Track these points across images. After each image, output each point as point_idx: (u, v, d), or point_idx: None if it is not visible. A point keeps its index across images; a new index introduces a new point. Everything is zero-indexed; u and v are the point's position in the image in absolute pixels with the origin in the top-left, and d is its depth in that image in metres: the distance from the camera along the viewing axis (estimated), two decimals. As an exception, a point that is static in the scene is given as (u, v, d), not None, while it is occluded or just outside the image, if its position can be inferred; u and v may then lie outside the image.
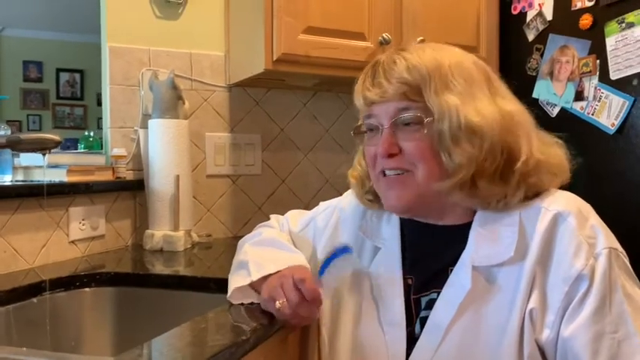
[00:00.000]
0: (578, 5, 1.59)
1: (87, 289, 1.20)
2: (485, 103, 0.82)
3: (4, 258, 1.22)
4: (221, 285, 1.14)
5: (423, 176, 0.82)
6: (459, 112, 0.79)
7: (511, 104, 0.85)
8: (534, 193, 0.82)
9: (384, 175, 0.86)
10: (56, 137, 0.96)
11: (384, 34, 1.61)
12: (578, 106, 1.60)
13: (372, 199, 0.94)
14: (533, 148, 0.81)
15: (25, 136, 0.93)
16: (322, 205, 1.09)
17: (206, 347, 0.73)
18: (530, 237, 0.78)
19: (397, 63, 0.83)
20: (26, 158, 1.44)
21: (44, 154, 0.99)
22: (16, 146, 0.94)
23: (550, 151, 0.84)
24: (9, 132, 1.45)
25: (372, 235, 0.94)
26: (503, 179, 0.79)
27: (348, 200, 1.02)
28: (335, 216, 1.02)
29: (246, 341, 0.78)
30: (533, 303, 0.75)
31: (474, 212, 0.84)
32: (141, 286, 1.21)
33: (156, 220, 1.54)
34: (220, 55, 1.78)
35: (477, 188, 0.79)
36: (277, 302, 0.83)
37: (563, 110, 1.64)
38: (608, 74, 1.52)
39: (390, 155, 0.83)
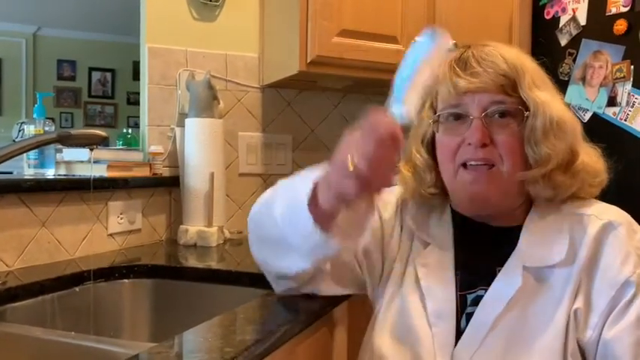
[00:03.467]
0: (613, 10, 1.59)
1: (126, 280, 1.25)
2: (561, 103, 0.86)
3: (48, 248, 1.27)
4: (253, 279, 1.18)
5: (508, 170, 0.82)
6: (551, 108, 0.83)
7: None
8: (577, 195, 0.85)
9: (465, 167, 0.84)
10: (103, 133, 1.01)
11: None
12: (610, 112, 1.59)
13: (436, 192, 0.92)
14: (582, 150, 0.86)
15: (75, 131, 0.98)
16: None
17: (237, 340, 0.75)
18: (580, 243, 0.80)
19: (494, 55, 0.84)
20: (69, 153, 1.49)
21: (91, 149, 1.04)
22: (66, 141, 0.99)
23: (593, 157, 0.87)
24: (53, 128, 1.51)
25: (421, 229, 0.93)
26: (568, 173, 0.83)
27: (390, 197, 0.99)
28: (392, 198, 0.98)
29: (279, 335, 0.80)
30: (578, 304, 0.78)
31: (525, 216, 0.86)
32: (177, 278, 1.26)
33: (190, 215, 1.59)
34: (254, 56, 1.82)
35: (551, 180, 0.82)
36: (349, 163, 0.65)
37: (595, 116, 1.64)
38: (643, 80, 1.51)
39: (483, 145, 0.82)
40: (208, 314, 0.87)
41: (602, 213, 0.82)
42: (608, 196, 0.85)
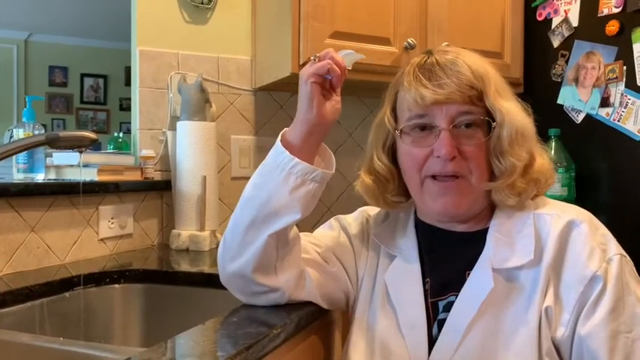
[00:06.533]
0: (605, 11, 1.59)
1: (117, 286, 1.23)
2: (520, 109, 0.86)
3: (38, 253, 1.25)
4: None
5: (476, 180, 0.83)
6: (515, 117, 0.83)
7: None
8: (536, 195, 0.86)
9: (434, 178, 0.84)
10: (93, 135, 0.99)
11: (409, 39, 1.62)
12: (603, 113, 1.59)
13: (399, 200, 0.93)
14: (537, 152, 0.86)
15: (64, 133, 0.96)
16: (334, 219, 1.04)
17: (230, 344, 0.74)
18: (545, 241, 0.81)
19: (459, 64, 0.83)
20: (58, 157, 1.47)
21: (81, 152, 1.02)
22: (55, 143, 0.97)
23: (545, 157, 0.87)
24: (43, 132, 1.49)
25: (387, 243, 0.94)
26: (526, 177, 0.83)
27: (354, 216, 1.02)
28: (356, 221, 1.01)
29: (272, 339, 0.79)
30: (548, 302, 0.78)
31: (489, 219, 0.86)
32: (169, 283, 1.24)
33: (182, 220, 1.57)
34: (247, 59, 1.81)
35: (514, 187, 0.83)
36: (311, 60, 0.84)
37: (588, 116, 1.64)
38: (635, 81, 1.51)
39: (452, 158, 0.81)
40: (201, 319, 0.86)
41: (563, 212, 0.83)
42: (602, 196, 0.85)
